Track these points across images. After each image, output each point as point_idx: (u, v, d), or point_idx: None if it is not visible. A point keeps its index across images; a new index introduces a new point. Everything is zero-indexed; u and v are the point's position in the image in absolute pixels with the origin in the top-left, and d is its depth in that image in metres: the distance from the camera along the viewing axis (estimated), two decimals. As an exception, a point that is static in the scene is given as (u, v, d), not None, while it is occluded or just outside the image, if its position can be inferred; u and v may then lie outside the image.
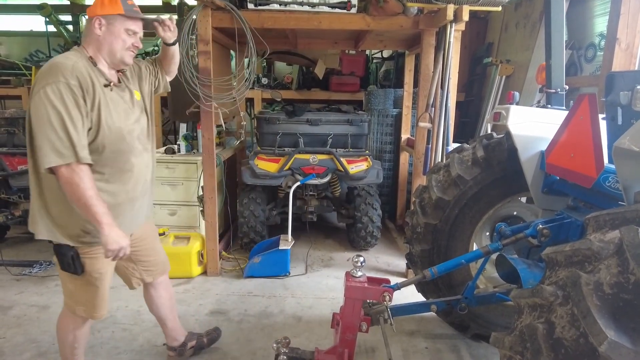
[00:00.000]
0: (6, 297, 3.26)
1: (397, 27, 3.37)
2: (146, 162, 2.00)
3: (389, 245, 4.33)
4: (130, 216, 1.96)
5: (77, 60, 1.73)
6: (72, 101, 1.64)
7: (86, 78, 1.70)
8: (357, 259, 1.93)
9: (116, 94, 1.85)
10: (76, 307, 1.97)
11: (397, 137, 4.88)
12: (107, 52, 1.80)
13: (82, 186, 1.65)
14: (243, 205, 3.86)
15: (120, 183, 1.87)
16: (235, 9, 3.21)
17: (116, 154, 1.82)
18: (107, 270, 1.96)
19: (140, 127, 1.95)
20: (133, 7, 1.81)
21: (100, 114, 1.74)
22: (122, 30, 1.78)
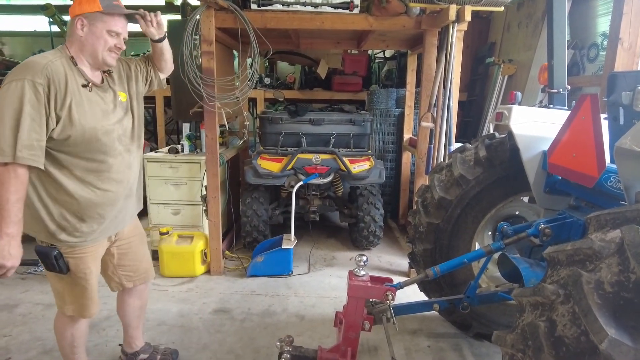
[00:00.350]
0: (12, 296, 3.29)
1: (399, 27, 3.38)
2: (127, 163, 1.96)
3: (392, 245, 4.35)
4: (110, 217, 1.92)
5: (53, 59, 1.70)
6: (32, 100, 1.59)
7: (59, 77, 1.67)
8: (360, 258, 1.95)
9: (96, 95, 1.82)
10: (65, 307, 1.96)
11: (399, 137, 4.89)
12: (89, 53, 1.77)
13: (5, 186, 1.58)
14: (246, 204, 3.88)
15: (95, 184, 1.83)
16: (238, 9, 3.23)
17: (90, 154, 1.79)
18: (92, 270, 1.93)
19: (123, 129, 1.92)
20: (112, 2, 1.75)
21: (72, 114, 1.69)
22: (104, 31, 1.74)
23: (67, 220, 1.80)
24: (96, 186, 1.84)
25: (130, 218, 2.10)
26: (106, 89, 1.89)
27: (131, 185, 2.02)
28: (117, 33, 1.78)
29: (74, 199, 1.79)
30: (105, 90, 1.88)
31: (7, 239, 1.60)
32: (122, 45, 1.82)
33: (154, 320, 2.92)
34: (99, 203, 1.86)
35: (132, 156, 2.00)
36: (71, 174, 1.78)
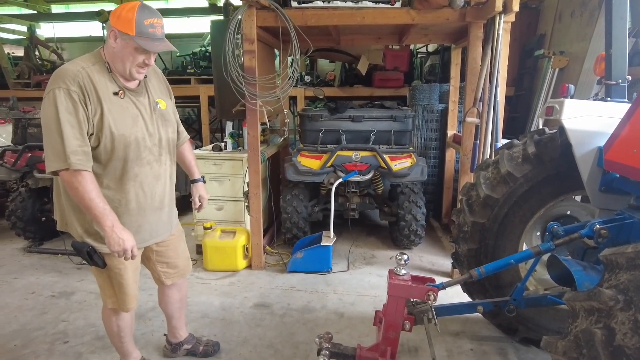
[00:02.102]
0: (69, 284, 3.51)
1: (442, 20, 3.28)
2: (156, 174, 1.94)
3: (434, 245, 4.25)
4: (136, 228, 1.91)
5: (86, 65, 1.73)
6: (70, 107, 1.64)
7: (90, 83, 1.69)
8: (401, 256, 1.91)
9: (128, 100, 1.82)
10: (106, 300, 2.04)
11: (442, 133, 4.76)
12: (119, 65, 1.77)
13: (80, 189, 1.67)
14: (286, 201, 3.92)
15: (121, 192, 1.84)
16: (279, 7, 3.25)
17: (117, 162, 1.80)
18: (127, 266, 1.95)
19: (157, 139, 1.91)
20: (149, 29, 1.70)
21: (103, 120, 1.72)
22: (133, 50, 1.72)
23: (92, 227, 1.84)
24: (120, 195, 1.85)
25: (162, 232, 2.08)
26: (142, 92, 1.90)
27: (161, 198, 1.99)
28: (147, 53, 1.76)
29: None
30: (141, 94, 1.89)
31: (109, 229, 1.71)
32: (151, 62, 1.81)
33: (197, 313, 3.01)
34: (122, 213, 1.86)
35: (163, 168, 1.98)
36: (99, 181, 1.79)
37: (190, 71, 6.29)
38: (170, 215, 2.14)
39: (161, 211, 2.03)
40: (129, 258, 1.79)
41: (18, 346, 2.68)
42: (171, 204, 2.12)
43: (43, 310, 3.11)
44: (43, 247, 4.28)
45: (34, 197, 4.26)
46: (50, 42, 8.40)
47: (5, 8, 8.73)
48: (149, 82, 1.97)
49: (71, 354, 2.59)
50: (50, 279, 3.62)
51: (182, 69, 6.36)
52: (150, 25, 1.71)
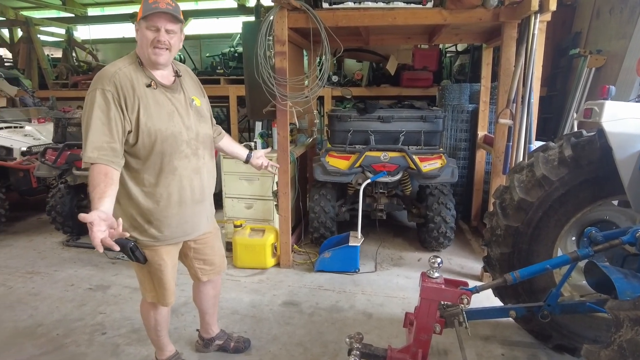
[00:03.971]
0: (105, 278, 3.64)
1: (475, 20, 3.24)
2: (195, 167, 1.97)
3: (463, 247, 4.19)
4: (177, 223, 1.97)
5: (123, 66, 1.81)
6: (102, 105, 1.72)
7: (126, 83, 1.77)
8: (435, 259, 1.91)
9: (163, 95, 1.88)
10: (146, 294, 2.11)
11: (473, 134, 4.69)
12: (141, 53, 1.84)
13: (91, 182, 1.67)
14: (314, 201, 3.95)
15: (162, 186, 1.89)
16: (310, 9, 3.28)
17: (156, 156, 1.85)
18: (168, 263, 2.02)
19: (195, 133, 1.96)
20: (152, 5, 1.76)
21: (140, 117, 1.79)
22: (145, 29, 1.79)
23: (136, 220, 1.92)
24: (161, 189, 1.90)
25: (203, 225, 2.13)
26: (177, 89, 1.96)
27: (200, 191, 2.03)
28: (156, 28, 1.78)
29: (142, 201, 1.89)
30: (176, 91, 1.95)
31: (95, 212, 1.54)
32: (163, 38, 1.80)
33: (227, 309, 3.08)
34: (164, 206, 1.92)
35: (202, 162, 2.02)
36: (140, 178, 1.87)
37: (220, 71, 6.40)
38: (210, 210, 2.20)
39: (202, 204, 2.08)
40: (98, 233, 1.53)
41: (60, 335, 2.81)
42: (210, 198, 2.18)
43: (82, 302, 3.25)
44: (80, 242, 4.46)
45: (72, 194, 4.44)
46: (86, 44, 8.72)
47: (45, 11, 9.10)
48: (184, 81, 2.03)
49: (109, 345, 2.70)
50: (88, 272, 3.77)
51: (211, 70, 6.49)
52: (154, 1, 1.77)
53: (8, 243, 4.54)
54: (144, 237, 1.94)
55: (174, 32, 1.85)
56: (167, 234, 1.97)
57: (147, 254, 1.97)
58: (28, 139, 5.04)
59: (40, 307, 3.19)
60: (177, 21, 1.83)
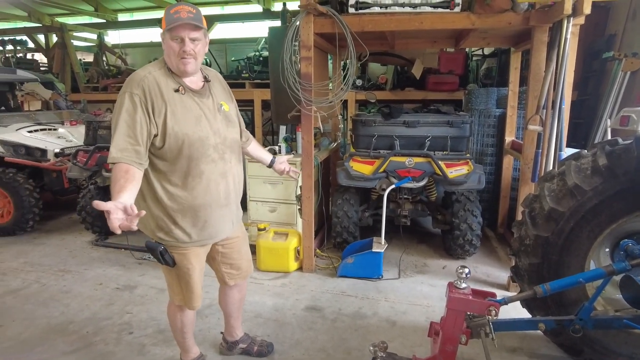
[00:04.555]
0: (132, 278, 3.73)
1: (504, 24, 3.17)
2: (221, 171, 2.00)
3: (489, 255, 4.11)
4: (203, 224, 1.99)
5: (153, 70, 1.86)
6: (129, 108, 1.77)
7: (155, 87, 1.81)
8: (462, 270, 1.88)
9: (191, 100, 1.91)
10: (174, 297, 2.15)
11: (500, 139, 4.60)
12: (169, 63, 1.89)
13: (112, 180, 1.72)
14: (337, 205, 3.94)
15: (188, 189, 1.92)
16: (336, 14, 3.28)
17: (183, 160, 1.88)
18: (195, 267, 2.05)
19: (222, 137, 1.98)
20: (174, 15, 1.79)
21: (167, 121, 1.82)
22: (170, 41, 1.83)
23: (164, 221, 1.96)
24: (187, 192, 1.93)
25: (228, 229, 2.15)
26: (206, 94, 1.99)
27: (226, 195, 2.05)
28: (180, 38, 1.82)
29: (167, 203, 1.93)
30: (204, 95, 1.98)
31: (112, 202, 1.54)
32: (188, 48, 1.83)
33: (251, 312, 3.10)
34: (190, 209, 1.95)
35: (228, 166, 2.04)
36: (166, 179, 1.91)
37: (245, 75, 6.48)
38: (237, 213, 2.22)
39: (227, 208, 2.10)
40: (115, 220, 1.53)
41: (90, 333, 2.89)
42: (237, 202, 2.19)
43: (110, 301, 3.33)
44: (108, 242, 4.58)
45: (101, 194, 4.57)
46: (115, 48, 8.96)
47: (78, 18, 9.41)
48: (213, 86, 2.06)
49: (136, 345, 2.76)
50: (115, 272, 3.87)
51: (237, 74, 6.57)
52: (175, 12, 1.81)
53: (42, 241, 4.71)
54: (169, 238, 1.98)
55: (198, 39, 1.88)
56: (192, 236, 2.00)
57: (176, 257, 2.00)
58: (61, 140, 5.21)
59: (71, 304, 3.29)
60: (199, 29, 1.86)
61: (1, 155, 4.79)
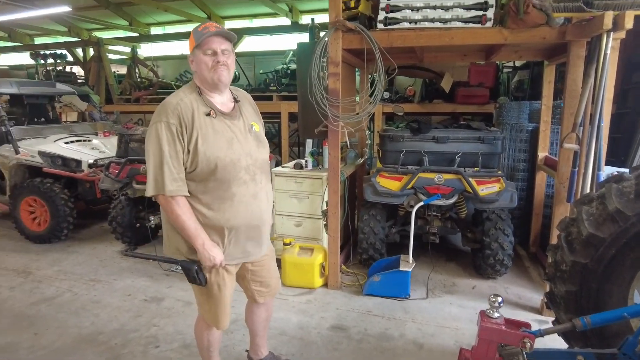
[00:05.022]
0: (159, 290, 3.78)
1: (538, 39, 3.09)
2: (253, 192, 2.01)
3: (520, 275, 3.96)
4: (235, 245, 2.01)
5: (183, 96, 1.90)
6: (169, 139, 1.82)
7: (188, 113, 1.85)
8: (495, 298, 1.80)
9: (222, 123, 1.93)
10: (204, 315, 2.16)
11: (532, 155, 4.46)
12: (202, 80, 1.92)
13: (175, 212, 1.85)
14: (363, 221, 3.89)
15: (220, 211, 1.94)
16: (365, 30, 3.27)
17: (215, 183, 1.90)
18: (227, 285, 2.06)
19: (253, 159, 2.00)
20: (203, 31, 1.86)
21: (198, 146, 1.85)
22: (201, 55, 1.88)
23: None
24: (220, 215, 1.95)
25: (260, 249, 2.15)
26: (236, 116, 2.01)
27: (258, 216, 2.06)
28: (212, 50, 1.87)
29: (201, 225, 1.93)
30: (235, 117, 2.00)
31: (200, 246, 1.88)
32: (221, 58, 1.88)
33: (275, 329, 3.08)
34: (222, 231, 1.96)
35: (259, 187, 2.05)
36: (198, 202, 1.93)
37: (273, 88, 6.54)
38: (267, 233, 2.22)
39: (259, 228, 2.11)
40: (220, 266, 1.95)
41: (118, 345, 2.94)
42: (268, 222, 2.20)
43: (138, 313, 3.38)
44: (137, 252, 4.66)
45: (131, 206, 4.68)
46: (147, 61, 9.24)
47: (113, 32, 9.77)
48: (243, 107, 2.08)
49: (162, 359, 2.78)
50: (144, 283, 3.93)
51: (264, 86, 6.64)
52: (204, 28, 1.88)
53: (75, 249, 4.85)
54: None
55: (229, 51, 1.94)
56: (225, 257, 2.00)
57: (208, 276, 2.02)
58: (95, 151, 5.39)
59: (100, 314, 3.36)
60: (229, 40, 1.93)
61: (40, 166, 4.99)
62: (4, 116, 5.16)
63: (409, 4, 3.23)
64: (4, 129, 5.08)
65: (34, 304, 3.56)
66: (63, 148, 5.24)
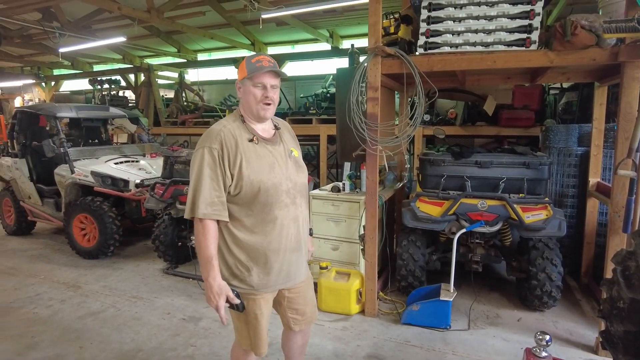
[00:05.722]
0: (197, 309, 3.83)
1: (588, 61, 2.96)
2: (293, 216, 2.03)
3: (571, 309, 3.71)
4: (277, 269, 2.01)
5: (227, 124, 1.96)
6: (210, 163, 1.86)
7: (231, 140, 1.90)
8: (542, 336, 1.69)
9: (264, 148, 1.98)
10: (242, 341, 2.14)
11: (582, 180, 4.23)
12: (248, 109, 1.98)
13: (199, 238, 1.87)
14: (402, 247, 3.80)
15: (262, 234, 1.95)
16: (404, 55, 3.27)
17: (257, 206, 1.93)
18: (264, 312, 2.04)
19: (293, 182, 2.03)
20: (256, 64, 1.91)
21: (242, 170, 1.89)
22: (251, 87, 1.93)
23: (237, 268, 1.98)
24: (262, 238, 1.96)
25: (299, 273, 2.15)
26: (277, 142, 2.06)
27: (298, 239, 2.07)
28: (263, 85, 1.93)
29: (242, 250, 1.96)
30: (276, 143, 2.06)
31: (208, 281, 1.86)
32: (269, 94, 1.95)
33: (310, 355, 3.03)
34: (264, 254, 1.97)
35: (299, 210, 2.07)
36: (241, 225, 1.95)
37: (312, 112, 6.63)
38: (306, 258, 2.22)
39: (298, 252, 2.11)
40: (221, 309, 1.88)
41: (156, 365, 2.99)
42: (306, 246, 2.19)
43: (176, 332, 3.44)
44: (178, 270, 4.79)
45: (174, 225, 4.83)
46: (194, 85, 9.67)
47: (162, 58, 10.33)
48: (282, 134, 2.14)
49: (198, 381, 2.79)
50: (182, 302, 4.00)
51: (304, 110, 6.75)
52: (257, 61, 1.93)
53: (119, 266, 5.04)
54: (243, 285, 1.99)
55: (277, 86, 2.00)
56: (265, 283, 2.00)
57: (246, 303, 2.01)
58: (141, 172, 5.64)
59: (141, 332, 3.44)
60: (279, 76, 1.99)
61: (92, 185, 5.27)
62: (63, 138, 5.52)
63: (450, 29, 3.20)
64: (62, 150, 5.43)
65: (81, 317, 3.71)
66: (113, 168, 5.52)
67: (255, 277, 1.98)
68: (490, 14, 3.12)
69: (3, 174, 6.55)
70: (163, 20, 6.79)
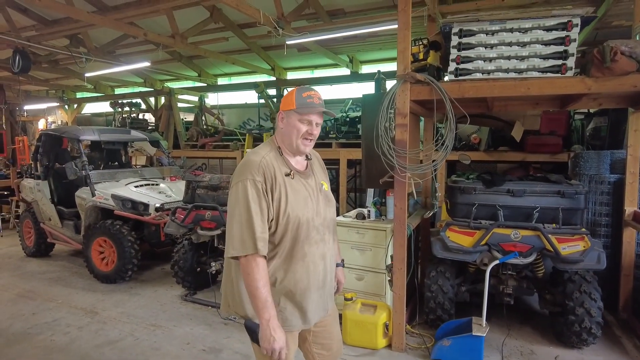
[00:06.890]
0: (217, 340, 3.71)
1: (628, 87, 2.88)
2: (321, 253, 1.96)
3: (611, 346, 3.49)
4: (303, 308, 1.92)
5: (265, 154, 1.88)
6: (256, 197, 1.77)
7: (271, 171, 1.83)
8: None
9: (298, 182, 1.92)
10: None
11: (615, 209, 4.06)
12: (287, 141, 1.92)
13: (253, 276, 1.74)
14: (430, 278, 3.66)
15: (290, 272, 1.88)
16: (435, 81, 3.22)
17: (288, 242, 1.86)
18: (291, 348, 1.93)
19: (322, 218, 1.96)
20: (307, 100, 1.87)
21: (280, 204, 1.82)
22: (296, 121, 1.88)
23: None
24: (291, 275, 1.88)
25: (324, 311, 2.06)
26: (309, 175, 2.00)
27: (323, 277, 1.99)
28: (309, 122, 1.89)
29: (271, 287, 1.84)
30: (308, 176, 1.99)
31: (265, 323, 1.73)
32: (314, 132, 1.91)
33: (338, 393, 2.87)
34: (291, 291, 1.88)
35: (327, 247, 2.00)
36: (270, 263, 1.86)
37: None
38: (331, 293, 2.12)
39: (323, 290, 2.02)
40: (275, 358, 1.77)
41: (176, 400, 2.86)
42: (331, 282, 2.10)
43: (196, 364, 3.32)
44: (196, 297, 4.69)
45: (193, 250, 4.76)
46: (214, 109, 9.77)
47: (183, 82, 10.50)
48: (314, 165, 2.07)
49: (220, 419, 2.66)
50: (202, 331, 3.89)
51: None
52: (308, 96, 1.89)
53: (137, 291, 4.97)
54: None
55: (320, 124, 1.96)
56: (292, 321, 1.91)
57: None
58: (161, 195, 5.62)
59: (160, 363, 3.33)
60: (323, 115, 1.95)
61: (112, 208, 5.26)
62: (85, 161, 5.56)
63: (482, 55, 3.15)
64: (84, 173, 5.46)
65: (98, 346, 3.62)
66: (133, 192, 5.52)
67: (280, 315, 1.87)
68: (524, 40, 3.06)
69: (25, 196, 6.62)
70: (187, 46, 6.89)
